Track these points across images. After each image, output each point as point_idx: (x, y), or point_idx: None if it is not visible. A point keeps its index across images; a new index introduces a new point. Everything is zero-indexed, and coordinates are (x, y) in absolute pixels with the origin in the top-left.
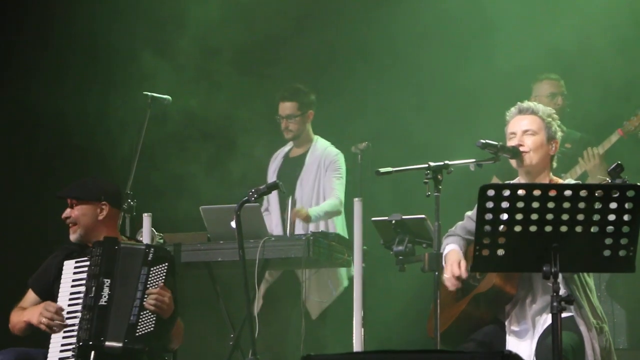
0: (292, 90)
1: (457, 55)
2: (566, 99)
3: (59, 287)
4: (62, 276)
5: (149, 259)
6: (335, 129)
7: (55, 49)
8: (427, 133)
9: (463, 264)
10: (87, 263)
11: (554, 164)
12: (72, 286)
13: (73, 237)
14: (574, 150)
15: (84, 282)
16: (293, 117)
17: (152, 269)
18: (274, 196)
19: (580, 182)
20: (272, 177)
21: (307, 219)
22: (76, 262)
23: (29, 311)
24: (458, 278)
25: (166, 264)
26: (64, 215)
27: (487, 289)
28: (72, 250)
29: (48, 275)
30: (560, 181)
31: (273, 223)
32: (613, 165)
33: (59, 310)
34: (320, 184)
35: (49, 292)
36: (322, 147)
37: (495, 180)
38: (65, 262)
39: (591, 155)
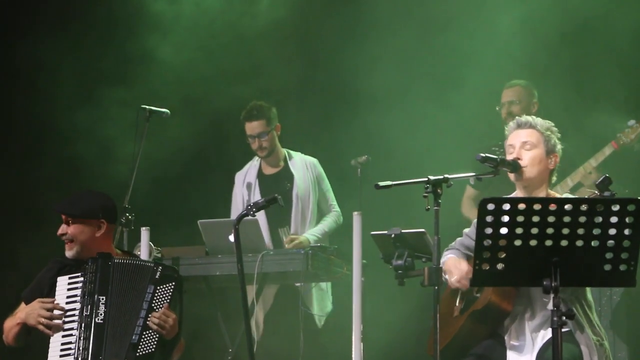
0: (256, 108)
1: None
2: (527, 107)
3: None
4: (56, 292)
5: (157, 277)
6: (335, 143)
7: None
8: (427, 146)
9: (465, 264)
10: (81, 279)
11: (554, 179)
12: (67, 303)
13: (69, 253)
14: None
15: (78, 298)
16: (265, 135)
17: (158, 287)
18: (260, 213)
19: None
20: (253, 197)
21: (307, 245)
22: (70, 277)
23: (22, 312)
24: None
25: (173, 283)
26: (60, 232)
27: (483, 306)
28: (66, 264)
29: (41, 289)
30: (558, 195)
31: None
32: (601, 178)
33: (56, 305)
34: (316, 196)
35: None
36: (300, 158)
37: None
38: (59, 278)
39: (588, 170)
